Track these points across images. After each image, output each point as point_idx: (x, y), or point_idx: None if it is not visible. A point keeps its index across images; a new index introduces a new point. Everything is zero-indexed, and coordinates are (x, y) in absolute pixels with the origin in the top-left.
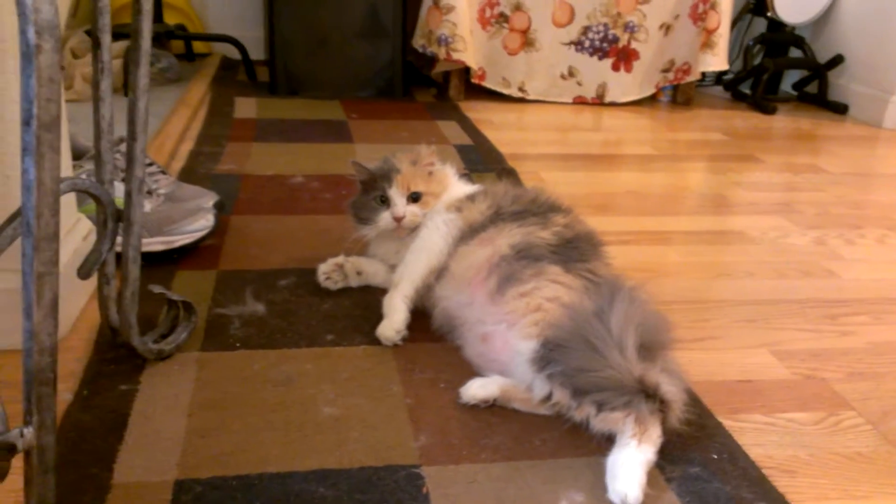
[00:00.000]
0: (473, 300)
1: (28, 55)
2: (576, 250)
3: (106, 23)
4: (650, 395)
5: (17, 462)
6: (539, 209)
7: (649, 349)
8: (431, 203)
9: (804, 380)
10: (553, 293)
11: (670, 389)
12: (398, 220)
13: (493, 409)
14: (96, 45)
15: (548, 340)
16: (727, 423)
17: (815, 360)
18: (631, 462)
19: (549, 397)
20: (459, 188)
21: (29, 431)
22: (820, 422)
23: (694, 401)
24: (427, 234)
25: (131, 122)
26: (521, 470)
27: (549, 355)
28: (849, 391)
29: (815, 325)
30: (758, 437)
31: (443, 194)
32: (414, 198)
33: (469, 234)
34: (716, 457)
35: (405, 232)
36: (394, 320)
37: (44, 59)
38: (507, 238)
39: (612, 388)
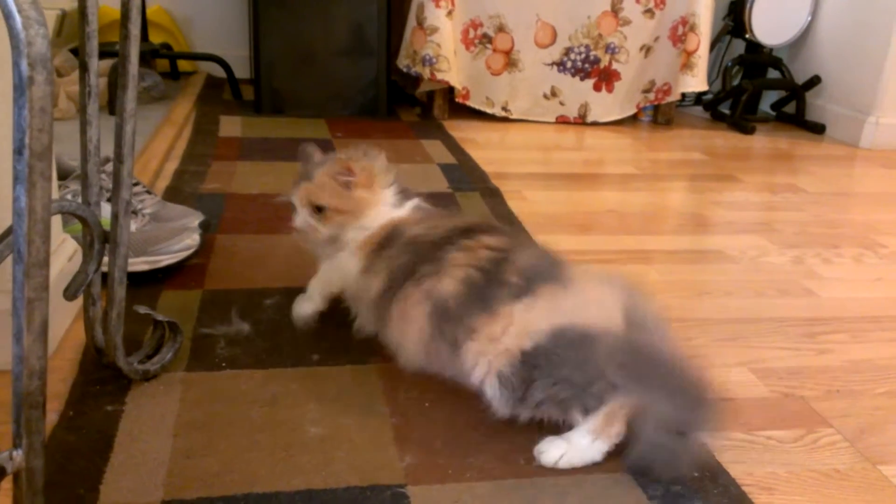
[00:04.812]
0: (431, 362)
1: (21, 87)
2: (504, 286)
3: (94, 47)
4: None
5: (6, 484)
6: (461, 238)
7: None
8: (337, 220)
9: (783, 397)
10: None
11: None
12: (293, 228)
13: (479, 428)
14: (84, 69)
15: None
16: (708, 440)
17: (793, 378)
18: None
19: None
20: (384, 214)
21: (18, 454)
22: (799, 439)
23: None
24: (337, 265)
25: (118, 146)
26: (507, 489)
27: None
28: (827, 409)
29: (793, 343)
30: (738, 454)
31: (359, 215)
32: (319, 210)
33: (391, 278)
34: (697, 474)
35: (309, 245)
36: (305, 307)
37: (36, 90)
38: (435, 288)
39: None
